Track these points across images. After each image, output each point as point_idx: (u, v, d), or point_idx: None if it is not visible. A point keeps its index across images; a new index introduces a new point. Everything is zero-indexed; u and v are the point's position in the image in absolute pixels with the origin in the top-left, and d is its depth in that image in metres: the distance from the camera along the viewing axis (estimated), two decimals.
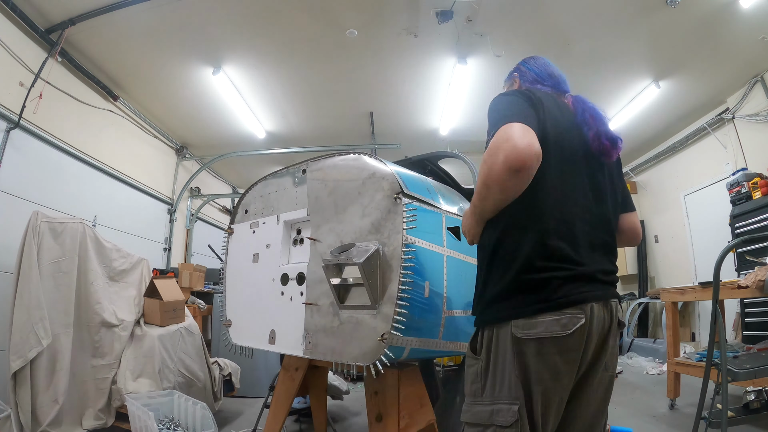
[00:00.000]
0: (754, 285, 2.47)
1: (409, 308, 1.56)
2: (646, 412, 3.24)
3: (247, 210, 2.40)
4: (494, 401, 1.07)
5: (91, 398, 2.76)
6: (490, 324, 1.13)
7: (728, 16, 3.70)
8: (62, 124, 3.96)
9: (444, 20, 3.66)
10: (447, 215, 1.98)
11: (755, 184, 4.24)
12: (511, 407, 1.04)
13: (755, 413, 2.40)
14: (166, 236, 5.97)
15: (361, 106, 5.50)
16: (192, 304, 4.55)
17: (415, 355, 1.77)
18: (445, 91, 4.96)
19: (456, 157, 3.02)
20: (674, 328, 3.45)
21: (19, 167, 3.47)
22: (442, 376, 4.11)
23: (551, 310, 1.05)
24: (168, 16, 3.66)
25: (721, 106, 5.20)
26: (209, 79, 4.60)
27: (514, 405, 1.04)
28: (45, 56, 3.68)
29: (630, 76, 4.70)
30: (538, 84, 1.42)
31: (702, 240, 5.65)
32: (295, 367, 2.31)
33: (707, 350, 2.14)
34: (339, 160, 1.95)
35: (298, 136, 6.12)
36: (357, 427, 3.27)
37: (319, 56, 4.38)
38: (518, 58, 1.58)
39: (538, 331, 1.04)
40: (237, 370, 3.66)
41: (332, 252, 1.76)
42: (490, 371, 1.10)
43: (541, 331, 1.04)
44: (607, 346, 1.13)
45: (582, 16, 3.78)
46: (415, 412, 1.92)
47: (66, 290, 2.80)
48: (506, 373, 1.07)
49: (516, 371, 1.05)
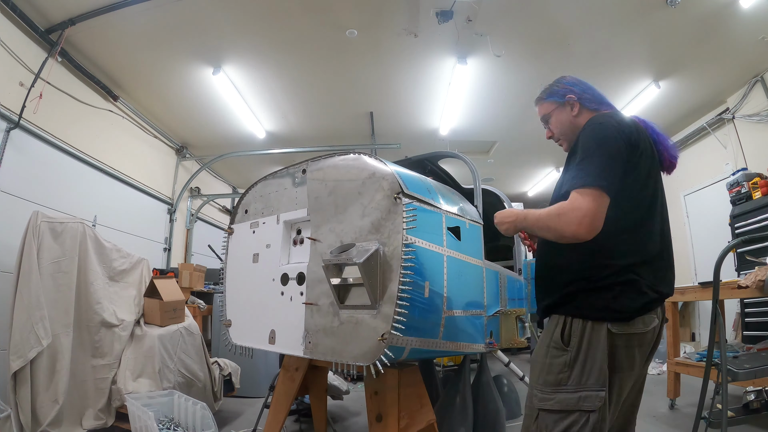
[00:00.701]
0: (754, 285, 2.47)
1: (409, 308, 1.56)
2: (646, 412, 3.24)
3: (247, 210, 2.40)
4: (580, 388, 1.21)
5: (91, 398, 2.76)
6: (583, 319, 1.26)
7: (728, 16, 3.70)
8: (62, 124, 3.96)
9: (444, 20, 3.66)
10: (447, 215, 1.98)
11: (755, 184, 4.24)
12: (599, 393, 1.19)
13: (755, 413, 2.41)
14: (166, 236, 5.97)
15: (361, 106, 5.50)
16: (192, 304, 4.55)
17: (415, 355, 1.77)
18: (445, 91, 4.96)
19: (456, 157, 3.03)
20: (674, 328, 3.45)
21: (19, 167, 3.46)
22: (442, 376, 4.11)
23: (642, 314, 1.25)
24: (168, 16, 3.66)
25: (721, 106, 5.20)
26: (209, 79, 4.60)
27: (602, 391, 1.20)
28: (45, 56, 3.67)
29: (630, 76, 4.71)
30: (603, 106, 1.49)
31: (702, 240, 5.64)
32: (295, 367, 2.31)
33: (707, 350, 2.14)
34: (339, 160, 1.95)
35: (298, 136, 6.12)
36: (357, 427, 3.27)
37: (319, 56, 4.38)
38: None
39: (629, 329, 1.24)
40: (237, 370, 3.66)
41: (332, 252, 1.76)
42: (579, 361, 1.23)
43: (631, 328, 1.24)
44: (658, 341, 1.36)
45: (582, 16, 3.78)
46: (415, 412, 1.92)
47: (66, 290, 2.80)
48: (597, 362, 1.21)
49: (606, 361, 1.22)
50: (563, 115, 1.50)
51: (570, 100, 1.49)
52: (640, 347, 1.27)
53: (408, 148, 5.40)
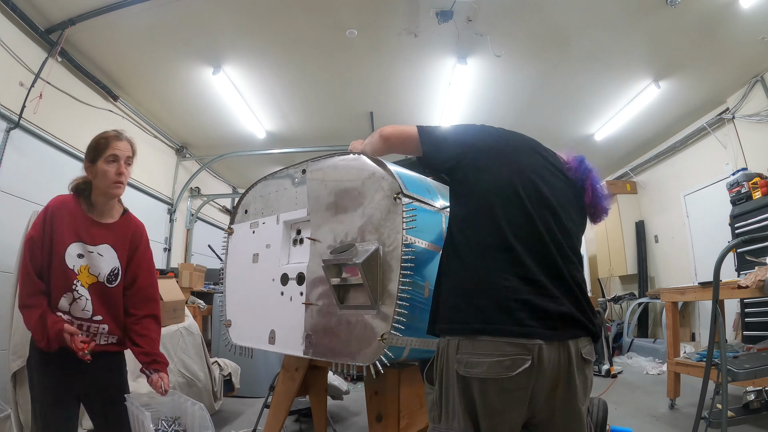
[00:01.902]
0: (754, 285, 2.47)
1: (409, 308, 1.56)
2: (646, 412, 3.24)
3: (247, 210, 2.40)
4: (449, 430, 1.17)
5: None
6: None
7: (728, 16, 3.70)
8: (62, 124, 3.96)
9: (444, 20, 3.66)
10: (447, 215, 1.98)
11: (755, 184, 4.24)
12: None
13: (755, 413, 2.40)
14: (166, 236, 5.97)
15: (361, 106, 5.50)
16: (192, 304, 4.55)
17: (415, 355, 1.77)
18: (445, 91, 4.96)
19: None
20: (674, 328, 3.45)
21: (19, 167, 3.46)
22: None
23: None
24: (168, 16, 3.66)
25: (721, 106, 5.20)
26: (209, 79, 4.59)
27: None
28: (45, 56, 3.67)
29: (630, 76, 4.70)
30: None
31: (702, 240, 5.64)
32: (295, 367, 2.31)
33: (707, 350, 2.14)
34: (339, 160, 1.95)
35: (298, 136, 6.12)
36: (357, 427, 3.27)
37: (319, 56, 4.38)
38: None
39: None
40: (237, 370, 3.66)
41: (332, 252, 1.76)
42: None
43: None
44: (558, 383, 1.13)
45: (582, 16, 3.78)
46: (415, 412, 1.92)
47: None
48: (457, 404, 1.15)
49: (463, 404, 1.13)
50: None
51: None
52: (500, 394, 1.10)
53: None
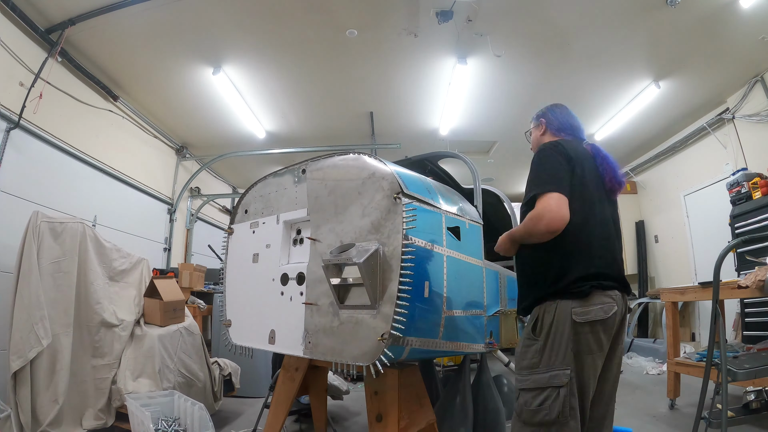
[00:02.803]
0: (754, 285, 2.47)
1: (409, 308, 1.56)
2: (646, 412, 3.24)
3: (247, 210, 2.40)
4: (549, 368, 1.42)
5: (91, 398, 2.76)
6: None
7: (728, 16, 3.70)
8: (62, 124, 3.96)
9: (444, 20, 3.66)
10: (447, 215, 1.98)
11: (755, 184, 4.24)
12: (565, 371, 1.40)
13: (755, 413, 2.41)
14: (166, 236, 5.97)
15: (361, 106, 5.50)
16: (192, 304, 4.55)
17: (415, 355, 1.78)
18: (445, 91, 4.96)
19: (456, 157, 3.03)
20: (674, 328, 3.45)
21: (19, 167, 3.46)
22: (442, 376, 4.11)
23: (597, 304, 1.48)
24: (168, 16, 3.66)
25: (721, 106, 5.20)
26: (209, 79, 4.60)
27: (567, 369, 1.40)
28: (45, 56, 3.67)
29: (630, 76, 4.70)
30: (561, 132, 1.85)
31: (702, 240, 5.64)
32: (295, 367, 2.31)
33: (707, 350, 2.14)
34: (339, 160, 1.95)
35: (298, 136, 6.12)
36: (357, 427, 3.27)
37: (319, 56, 4.38)
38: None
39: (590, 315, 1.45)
40: (237, 370, 3.66)
41: (332, 252, 1.76)
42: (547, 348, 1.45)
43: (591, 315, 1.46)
44: (623, 328, 1.56)
45: (582, 16, 3.78)
46: (415, 412, 1.92)
47: (66, 290, 2.80)
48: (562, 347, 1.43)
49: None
50: (535, 132, 1.96)
51: (541, 122, 1.92)
52: (604, 332, 1.47)
53: (408, 148, 5.40)
